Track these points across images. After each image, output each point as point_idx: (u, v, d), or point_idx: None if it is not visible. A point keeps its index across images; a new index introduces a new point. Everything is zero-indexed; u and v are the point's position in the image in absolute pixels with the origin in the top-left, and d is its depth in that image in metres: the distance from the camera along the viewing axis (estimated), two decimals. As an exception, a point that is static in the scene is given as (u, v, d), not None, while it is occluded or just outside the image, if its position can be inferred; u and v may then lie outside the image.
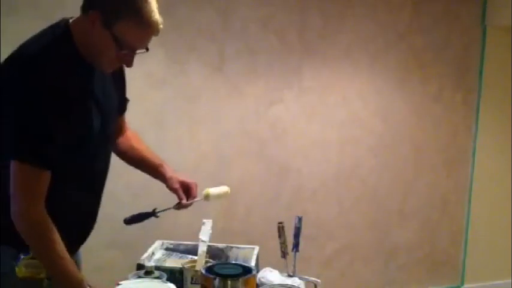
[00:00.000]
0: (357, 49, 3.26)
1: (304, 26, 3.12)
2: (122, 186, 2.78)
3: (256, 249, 1.84)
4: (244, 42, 3.02)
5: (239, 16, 2.99)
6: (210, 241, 1.75)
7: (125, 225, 1.72)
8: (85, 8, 1.38)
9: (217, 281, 1.43)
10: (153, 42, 2.98)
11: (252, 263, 1.69)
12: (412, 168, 3.51)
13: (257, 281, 1.63)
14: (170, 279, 1.58)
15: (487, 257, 3.73)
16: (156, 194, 2.12)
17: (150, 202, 1.96)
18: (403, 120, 3.44)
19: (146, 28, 1.38)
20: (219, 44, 2.98)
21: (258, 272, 1.67)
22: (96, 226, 1.67)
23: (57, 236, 1.37)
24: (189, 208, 2.96)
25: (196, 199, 1.73)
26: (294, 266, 1.78)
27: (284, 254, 1.81)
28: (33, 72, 1.33)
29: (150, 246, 1.89)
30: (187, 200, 1.72)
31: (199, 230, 1.75)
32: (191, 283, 1.60)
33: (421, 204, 3.57)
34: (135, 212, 1.83)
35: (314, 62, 3.18)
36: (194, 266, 1.65)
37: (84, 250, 1.71)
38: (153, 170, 1.77)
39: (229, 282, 1.43)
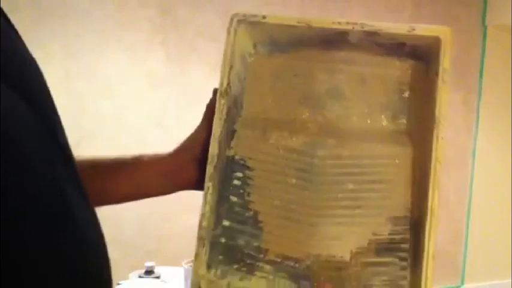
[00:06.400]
0: (357, 49, 3.26)
1: (304, 26, 3.12)
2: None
3: None
4: (245, 42, 3.02)
5: (239, 16, 2.99)
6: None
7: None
8: None
9: (217, 281, 1.43)
10: (154, 42, 2.98)
11: None
12: (412, 168, 3.51)
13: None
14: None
15: (487, 257, 3.73)
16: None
17: (150, 202, 1.97)
18: (403, 120, 3.44)
19: None
20: (220, 44, 2.96)
21: None
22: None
23: None
24: (189, 208, 2.97)
25: None
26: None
27: (284, 254, 1.81)
28: None
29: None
30: None
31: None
32: (191, 283, 1.60)
33: (421, 204, 3.57)
34: (135, 211, 1.83)
35: (314, 62, 3.18)
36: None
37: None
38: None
39: (229, 282, 1.43)
